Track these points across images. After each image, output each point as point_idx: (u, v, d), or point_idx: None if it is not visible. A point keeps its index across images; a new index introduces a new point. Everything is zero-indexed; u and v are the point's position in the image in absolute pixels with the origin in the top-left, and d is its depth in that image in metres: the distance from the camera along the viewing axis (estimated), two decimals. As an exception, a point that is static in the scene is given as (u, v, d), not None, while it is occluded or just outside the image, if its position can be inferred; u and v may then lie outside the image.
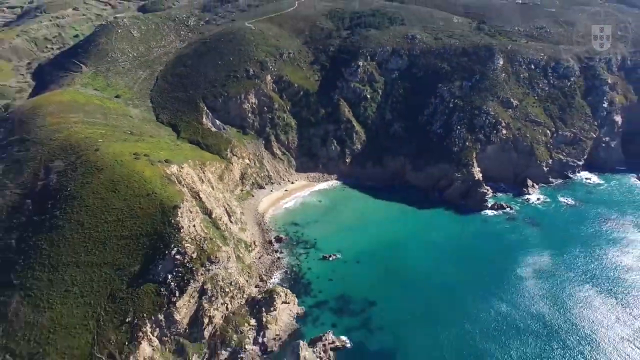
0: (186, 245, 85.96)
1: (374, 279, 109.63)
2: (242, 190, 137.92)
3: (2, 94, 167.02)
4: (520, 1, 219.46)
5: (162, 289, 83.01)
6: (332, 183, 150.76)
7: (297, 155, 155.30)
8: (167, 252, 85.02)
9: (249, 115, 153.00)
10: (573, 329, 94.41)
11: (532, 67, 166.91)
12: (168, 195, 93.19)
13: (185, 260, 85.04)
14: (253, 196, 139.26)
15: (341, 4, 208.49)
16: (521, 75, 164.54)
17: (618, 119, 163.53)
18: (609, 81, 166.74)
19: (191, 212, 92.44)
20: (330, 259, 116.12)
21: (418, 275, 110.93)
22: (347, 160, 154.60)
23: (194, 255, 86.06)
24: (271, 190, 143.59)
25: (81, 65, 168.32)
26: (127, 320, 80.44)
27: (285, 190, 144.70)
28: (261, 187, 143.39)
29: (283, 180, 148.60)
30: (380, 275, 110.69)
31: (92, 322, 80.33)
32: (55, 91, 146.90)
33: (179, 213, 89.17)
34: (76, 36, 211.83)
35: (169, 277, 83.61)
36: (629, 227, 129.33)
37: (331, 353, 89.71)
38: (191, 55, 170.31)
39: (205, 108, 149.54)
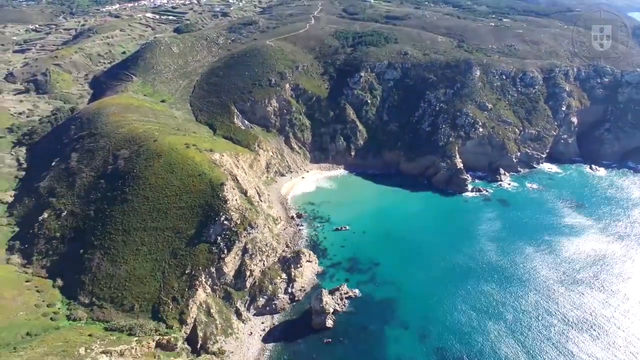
0: (232, 213, 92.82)
1: (377, 245, 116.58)
2: (267, 177, 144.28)
3: (67, 99, 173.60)
4: (493, 24, 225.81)
5: (213, 248, 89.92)
6: (340, 172, 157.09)
7: (311, 149, 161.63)
8: (216, 219, 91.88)
9: (272, 116, 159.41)
10: (514, 268, 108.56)
11: (504, 77, 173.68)
12: (215, 176, 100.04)
13: (232, 225, 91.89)
14: (276, 182, 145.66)
15: (344, 26, 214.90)
16: (494, 84, 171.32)
17: (574, 119, 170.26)
18: (567, 89, 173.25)
19: (233, 189, 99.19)
20: (342, 230, 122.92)
21: (412, 241, 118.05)
22: (352, 153, 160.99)
23: (238, 222, 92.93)
24: (290, 178, 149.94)
25: (131, 75, 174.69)
26: (186, 272, 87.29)
27: (302, 178, 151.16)
28: (282, 175, 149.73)
29: (300, 169, 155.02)
30: (382, 242, 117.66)
31: (158, 273, 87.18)
32: (113, 96, 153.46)
33: (225, 189, 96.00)
34: (123, 53, 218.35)
35: (219, 238, 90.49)
36: (577, 203, 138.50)
37: (346, 300, 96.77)
38: (222, 68, 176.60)
39: (236, 110, 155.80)
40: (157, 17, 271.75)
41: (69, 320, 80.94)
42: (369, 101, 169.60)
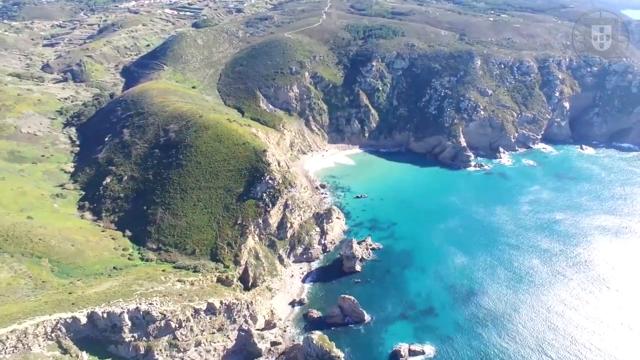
0: (275, 174, 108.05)
1: (393, 209, 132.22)
2: (291, 154, 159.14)
3: (102, 87, 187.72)
4: (491, 19, 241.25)
5: (259, 203, 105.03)
6: (356, 151, 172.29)
7: (328, 131, 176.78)
8: (262, 179, 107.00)
9: (293, 101, 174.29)
10: (509, 224, 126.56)
11: (502, 66, 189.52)
12: (257, 144, 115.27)
13: (275, 184, 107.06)
14: (299, 159, 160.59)
15: (354, 20, 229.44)
16: (494, 73, 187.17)
17: (566, 104, 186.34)
18: (560, 77, 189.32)
19: (273, 155, 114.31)
20: (361, 197, 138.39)
21: (423, 206, 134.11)
22: (365, 134, 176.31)
23: (280, 181, 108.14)
24: (312, 155, 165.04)
25: (162, 65, 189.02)
26: (237, 222, 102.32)
27: (322, 156, 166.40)
28: (304, 153, 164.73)
29: (319, 148, 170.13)
30: (397, 207, 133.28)
31: (214, 224, 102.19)
32: (150, 82, 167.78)
33: (267, 154, 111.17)
34: (148, 45, 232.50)
35: (264, 195, 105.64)
36: (567, 176, 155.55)
37: (370, 251, 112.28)
38: (245, 58, 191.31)
39: (261, 95, 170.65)
40: (176, 12, 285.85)
41: (142, 261, 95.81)
42: (380, 88, 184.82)
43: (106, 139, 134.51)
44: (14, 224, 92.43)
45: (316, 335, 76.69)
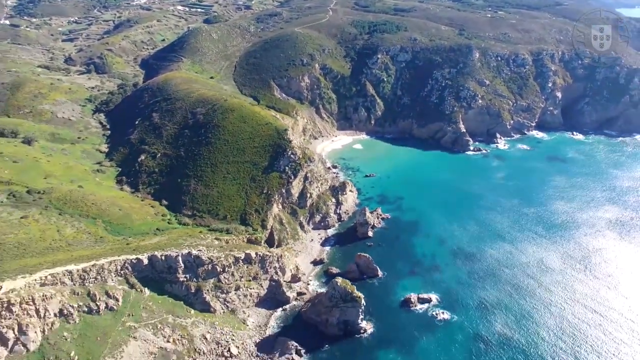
0: (296, 150, 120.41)
1: (400, 186, 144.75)
2: (304, 139, 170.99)
3: (124, 78, 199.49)
4: (489, 15, 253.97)
5: (282, 175, 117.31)
6: (363, 137, 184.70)
7: (337, 119, 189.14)
8: (284, 154, 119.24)
9: (304, 90, 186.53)
10: (504, 198, 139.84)
11: (499, 59, 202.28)
12: (279, 124, 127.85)
13: (296, 159, 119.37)
14: (311, 143, 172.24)
15: (359, 16, 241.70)
16: (491, 64, 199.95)
17: (559, 94, 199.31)
18: (553, 69, 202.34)
19: (293, 134, 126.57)
20: (370, 176, 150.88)
21: (427, 184, 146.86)
22: (372, 121, 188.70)
23: (300, 156, 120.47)
24: (322, 140, 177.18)
25: (181, 57, 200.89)
26: (264, 192, 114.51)
27: (332, 141, 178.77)
28: (315, 138, 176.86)
29: (329, 134, 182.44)
30: (403, 184, 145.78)
31: (243, 193, 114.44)
32: (172, 72, 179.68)
33: (289, 133, 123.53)
34: (163, 40, 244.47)
35: (286, 168, 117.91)
36: (557, 159, 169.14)
37: (381, 220, 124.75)
38: (258, 51, 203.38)
39: (275, 85, 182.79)
40: (187, 9, 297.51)
41: (180, 225, 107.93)
42: (385, 79, 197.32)
43: (136, 122, 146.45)
44: (69, 190, 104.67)
45: (339, 279, 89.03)
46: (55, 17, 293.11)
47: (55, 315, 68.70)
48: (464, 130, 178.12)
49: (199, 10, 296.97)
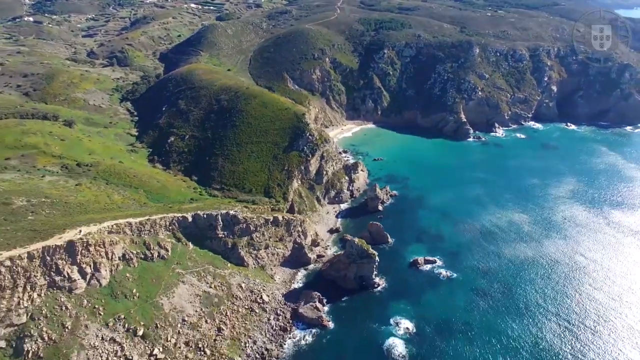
0: (313, 132, 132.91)
1: (406, 168, 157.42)
2: (316, 127, 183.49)
3: (145, 70, 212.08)
4: (489, 14, 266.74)
5: (301, 154, 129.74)
6: (370, 126, 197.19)
7: (346, 109, 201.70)
8: (302, 135, 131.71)
9: (316, 82, 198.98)
10: (502, 179, 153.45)
11: (498, 54, 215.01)
12: (297, 109, 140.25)
13: (313, 139, 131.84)
14: (323, 131, 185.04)
15: (365, 14, 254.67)
16: (491, 59, 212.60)
17: (554, 88, 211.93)
18: (549, 64, 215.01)
19: (310, 118, 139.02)
20: (378, 160, 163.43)
21: (431, 167, 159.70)
22: (378, 112, 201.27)
23: (317, 137, 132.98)
24: (332, 129, 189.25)
25: (199, 51, 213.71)
26: (285, 168, 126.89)
27: (342, 129, 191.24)
28: (326, 127, 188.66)
29: (339, 124, 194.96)
30: (409, 167, 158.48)
31: (266, 169, 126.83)
32: (192, 65, 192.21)
33: (306, 117, 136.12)
34: (179, 36, 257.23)
35: (305, 148, 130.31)
36: (550, 146, 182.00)
37: (389, 196, 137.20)
38: (271, 46, 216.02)
39: (288, 77, 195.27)
40: (200, 7, 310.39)
41: (210, 196, 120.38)
42: (391, 72, 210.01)
43: (163, 108, 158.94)
44: (112, 164, 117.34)
45: (356, 239, 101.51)
46: (73, 15, 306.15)
47: (119, 258, 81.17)
48: (465, 120, 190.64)
49: (211, 7, 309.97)
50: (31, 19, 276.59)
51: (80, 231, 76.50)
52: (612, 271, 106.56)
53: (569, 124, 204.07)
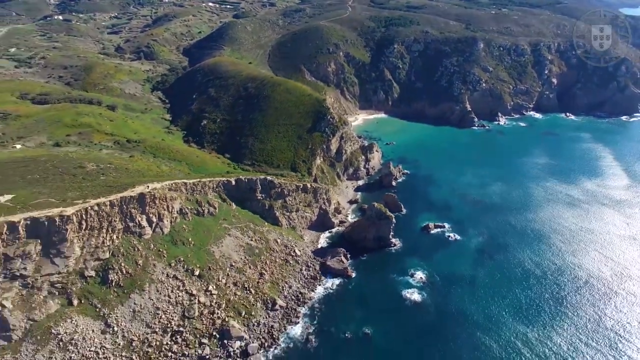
0: (333, 115, 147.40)
1: (416, 151, 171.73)
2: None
3: (171, 64, 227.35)
4: (493, 12, 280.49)
5: (323, 135, 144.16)
6: (382, 115, 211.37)
7: (359, 100, 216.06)
8: (324, 118, 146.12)
9: (331, 75, 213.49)
10: (503, 160, 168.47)
11: (501, 49, 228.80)
12: (318, 95, 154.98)
13: (334, 122, 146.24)
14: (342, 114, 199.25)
15: (376, 12, 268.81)
16: (494, 54, 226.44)
17: (554, 80, 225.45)
18: (549, 58, 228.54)
19: (330, 103, 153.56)
20: (390, 144, 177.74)
21: (439, 150, 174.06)
22: (389, 102, 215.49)
23: (337, 120, 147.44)
24: (346, 118, 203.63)
25: (222, 46, 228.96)
26: (308, 147, 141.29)
27: (355, 118, 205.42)
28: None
29: (352, 113, 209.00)
30: (419, 150, 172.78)
31: (292, 147, 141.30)
32: (217, 57, 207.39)
33: (327, 101, 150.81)
34: (199, 32, 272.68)
35: (326, 129, 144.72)
36: (550, 132, 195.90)
37: (402, 174, 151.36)
38: (289, 41, 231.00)
39: (305, 69, 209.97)
40: (218, 5, 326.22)
41: (243, 170, 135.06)
42: (401, 66, 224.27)
43: (194, 96, 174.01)
44: (157, 141, 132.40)
45: (376, 203, 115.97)
46: (98, 13, 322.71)
47: (177, 212, 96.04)
48: (470, 110, 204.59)
49: (228, 6, 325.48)
50: (61, 17, 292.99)
51: (148, 186, 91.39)
52: (595, 232, 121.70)
53: (568, 114, 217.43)
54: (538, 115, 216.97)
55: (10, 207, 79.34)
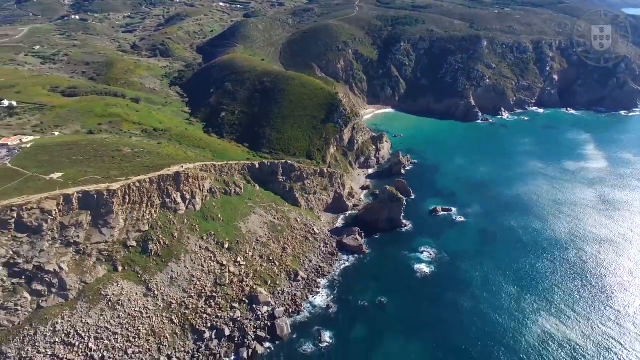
0: (346, 107, 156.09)
1: (422, 143, 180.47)
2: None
3: (186, 60, 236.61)
4: (496, 12, 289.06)
5: (336, 125, 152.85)
6: (389, 110, 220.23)
7: (367, 95, 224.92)
8: (337, 109, 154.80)
9: (340, 71, 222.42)
10: (505, 150, 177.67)
11: (504, 47, 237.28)
12: (331, 89, 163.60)
13: (346, 113, 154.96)
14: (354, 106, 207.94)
15: (382, 12, 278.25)
16: (497, 51, 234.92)
17: (555, 77, 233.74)
18: (551, 55, 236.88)
19: (342, 96, 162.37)
20: (398, 137, 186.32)
21: (445, 143, 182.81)
22: (396, 98, 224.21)
23: (349, 112, 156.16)
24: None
25: (235, 43, 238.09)
26: (323, 137, 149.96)
27: (364, 112, 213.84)
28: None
29: (361, 108, 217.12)
30: (425, 142, 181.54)
31: (307, 137, 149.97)
32: (231, 54, 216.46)
33: (339, 95, 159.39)
34: (212, 31, 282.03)
35: (339, 120, 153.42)
36: (551, 126, 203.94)
37: (410, 163, 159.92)
38: (299, 39, 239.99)
39: (316, 66, 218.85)
40: (228, 5, 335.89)
41: (261, 158, 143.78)
42: (407, 63, 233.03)
43: (211, 90, 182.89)
44: (181, 130, 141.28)
45: (388, 186, 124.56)
46: (112, 13, 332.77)
47: (207, 191, 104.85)
48: (474, 104, 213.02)
49: (238, 6, 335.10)
50: (77, 17, 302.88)
51: (182, 166, 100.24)
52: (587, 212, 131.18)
53: (569, 109, 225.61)
54: (540, 110, 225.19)
55: (63, 182, 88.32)
